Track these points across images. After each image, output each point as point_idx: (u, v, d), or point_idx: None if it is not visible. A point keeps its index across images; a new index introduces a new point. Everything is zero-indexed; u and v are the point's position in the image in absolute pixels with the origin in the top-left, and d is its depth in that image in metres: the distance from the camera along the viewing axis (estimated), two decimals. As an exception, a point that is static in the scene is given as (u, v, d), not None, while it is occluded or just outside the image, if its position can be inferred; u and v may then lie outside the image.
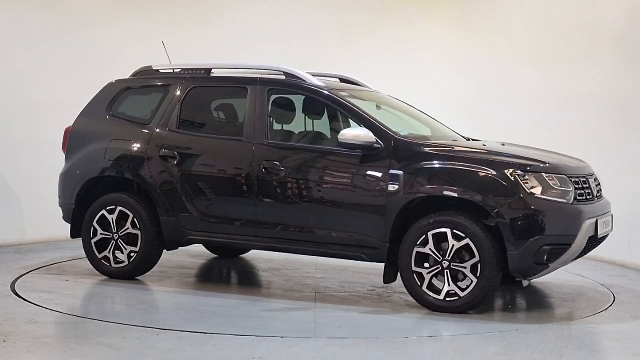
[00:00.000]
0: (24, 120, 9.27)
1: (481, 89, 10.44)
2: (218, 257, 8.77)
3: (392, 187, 6.39)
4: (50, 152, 9.30)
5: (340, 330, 5.86)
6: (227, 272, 8.29)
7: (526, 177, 6.19)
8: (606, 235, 6.81)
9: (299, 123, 7.27)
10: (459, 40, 10.72)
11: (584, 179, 6.59)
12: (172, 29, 9.93)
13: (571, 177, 6.41)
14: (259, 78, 7.12)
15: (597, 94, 9.21)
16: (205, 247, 8.76)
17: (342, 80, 7.85)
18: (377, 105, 7.43)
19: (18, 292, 6.77)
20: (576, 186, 6.40)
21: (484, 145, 6.93)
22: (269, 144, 6.86)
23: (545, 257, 6.13)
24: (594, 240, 6.54)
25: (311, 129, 7.29)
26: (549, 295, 7.23)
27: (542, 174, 6.25)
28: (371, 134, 6.49)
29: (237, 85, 7.26)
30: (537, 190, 6.17)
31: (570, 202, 6.28)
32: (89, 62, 9.64)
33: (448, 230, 6.24)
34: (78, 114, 7.75)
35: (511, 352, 5.36)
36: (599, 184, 6.92)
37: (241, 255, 8.77)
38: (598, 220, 6.45)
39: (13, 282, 7.15)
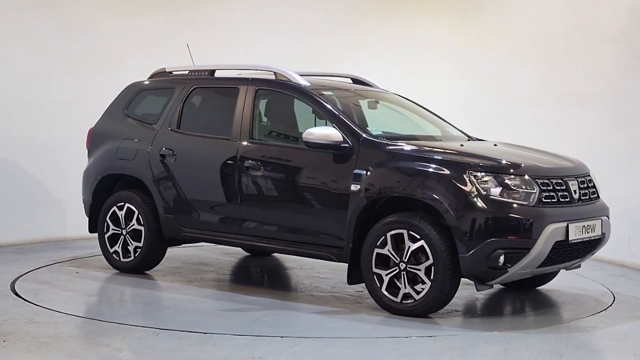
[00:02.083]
0: (24, 120, 9.26)
1: (481, 89, 10.43)
2: (250, 255, 8.79)
3: (354, 187, 6.32)
4: (51, 152, 9.34)
5: (272, 328, 5.82)
6: (237, 271, 8.27)
7: (484, 178, 5.99)
8: (595, 240, 6.42)
9: (288, 122, 7.32)
10: (459, 40, 10.71)
11: (560, 181, 6.25)
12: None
13: (538, 178, 6.10)
14: (250, 78, 7.25)
15: (597, 94, 9.19)
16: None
17: (354, 80, 7.94)
18: (370, 105, 7.42)
19: (18, 292, 6.77)
20: (545, 188, 6.10)
21: (461, 145, 6.73)
22: (252, 143, 6.94)
23: (501, 261, 5.89)
24: (566, 246, 6.14)
25: (297, 128, 7.26)
26: (549, 295, 7.22)
27: (502, 175, 6.02)
28: (338, 133, 6.43)
29: (232, 85, 7.37)
30: (495, 192, 5.94)
31: (532, 204, 6.00)
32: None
33: (405, 232, 6.11)
34: (95, 115, 8.04)
35: (511, 352, 5.36)
36: (592, 186, 6.61)
37: (273, 254, 8.72)
38: (570, 225, 6.08)
39: (13, 282, 7.16)
